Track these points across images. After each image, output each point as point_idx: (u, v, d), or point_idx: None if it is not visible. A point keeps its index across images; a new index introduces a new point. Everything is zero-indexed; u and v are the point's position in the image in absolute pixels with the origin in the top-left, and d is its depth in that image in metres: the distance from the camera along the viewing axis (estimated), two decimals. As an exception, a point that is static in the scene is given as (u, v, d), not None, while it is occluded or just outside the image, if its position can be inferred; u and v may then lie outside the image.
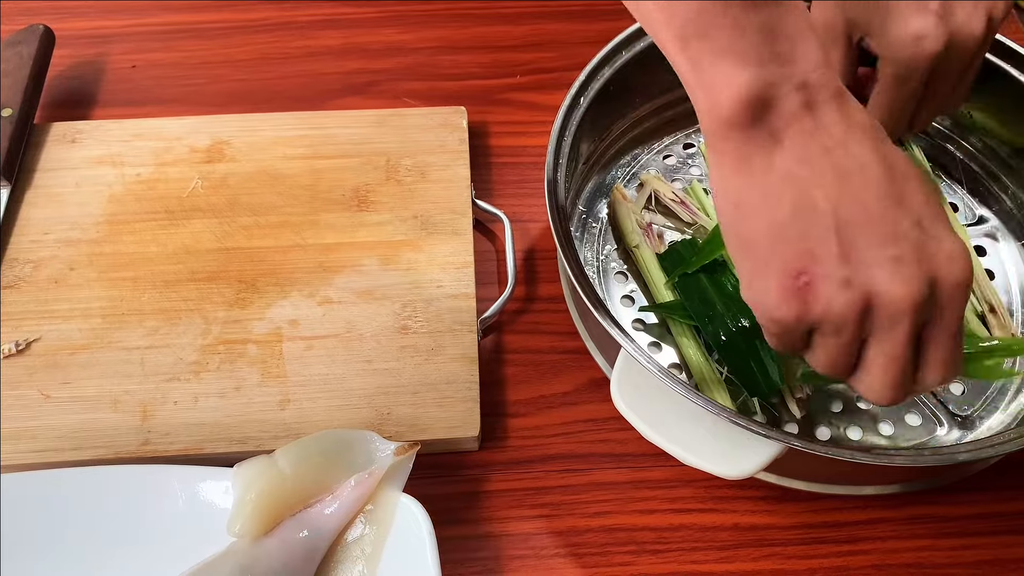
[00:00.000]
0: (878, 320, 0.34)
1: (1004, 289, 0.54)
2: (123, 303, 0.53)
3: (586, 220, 0.57)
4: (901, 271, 0.33)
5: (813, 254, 0.34)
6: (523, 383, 0.52)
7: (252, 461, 0.44)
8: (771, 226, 0.34)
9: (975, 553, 0.47)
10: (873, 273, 0.34)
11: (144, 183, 0.58)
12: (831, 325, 0.35)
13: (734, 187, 0.35)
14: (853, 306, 0.34)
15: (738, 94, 0.33)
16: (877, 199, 0.34)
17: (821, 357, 0.37)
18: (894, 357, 0.35)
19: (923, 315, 0.34)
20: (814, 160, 0.34)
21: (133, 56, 0.67)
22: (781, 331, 0.36)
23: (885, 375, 0.36)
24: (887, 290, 0.34)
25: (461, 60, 0.67)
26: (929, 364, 0.36)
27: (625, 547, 0.47)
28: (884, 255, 0.33)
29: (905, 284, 0.33)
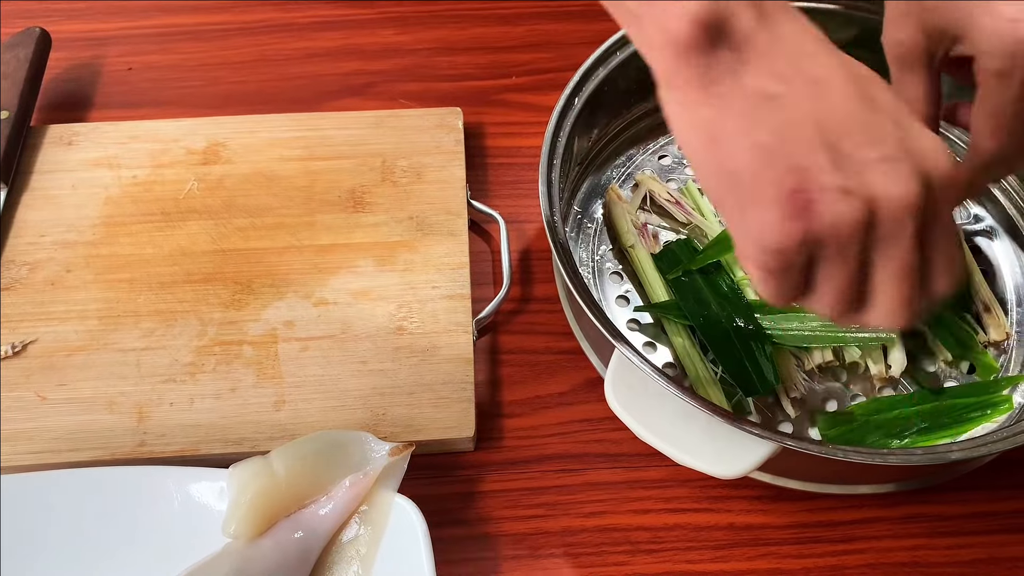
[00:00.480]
0: (883, 228, 0.33)
1: (1000, 289, 0.54)
2: (119, 305, 0.53)
3: (581, 220, 0.57)
4: (896, 170, 0.32)
5: (805, 170, 0.32)
6: (518, 383, 0.52)
7: (247, 462, 0.44)
8: (754, 150, 0.33)
9: (970, 552, 0.47)
10: (869, 177, 0.32)
11: (140, 185, 0.58)
12: (836, 243, 0.33)
13: (705, 119, 0.33)
14: (857, 215, 0.32)
15: (693, 15, 0.32)
16: (854, 103, 0.33)
17: (828, 293, 0.34)
18: (905, 269, 0.34)
19: (923, 213, 0.33)
20: (784, 73, 0.33)
21: (129, 58, 0.67)
22: (782, 265, 0.33)
23: (899, 291, 0.34)
24: (886, 192, 0.32)
25: (458, 61, 0.68)
26: (936, 269, 0.35)
27: (620, 547, 0.47)
28: (875, 157, 0.32)
29: (903, 183, 0.32)
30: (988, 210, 0.57)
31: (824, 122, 0.32)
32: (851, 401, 0.50)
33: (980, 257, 0.55)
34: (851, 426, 0.47)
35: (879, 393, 0.50)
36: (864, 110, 0.33)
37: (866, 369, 0.50)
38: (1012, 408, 0.48)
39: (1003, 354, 0.52)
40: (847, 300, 0.35)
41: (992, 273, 0.55)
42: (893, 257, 0.33)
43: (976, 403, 0.48)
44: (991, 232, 0.57)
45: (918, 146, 0.33)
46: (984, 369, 0.50)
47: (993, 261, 0.55)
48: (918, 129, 0.34)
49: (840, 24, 0.56)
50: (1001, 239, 0.56)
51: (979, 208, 0.58)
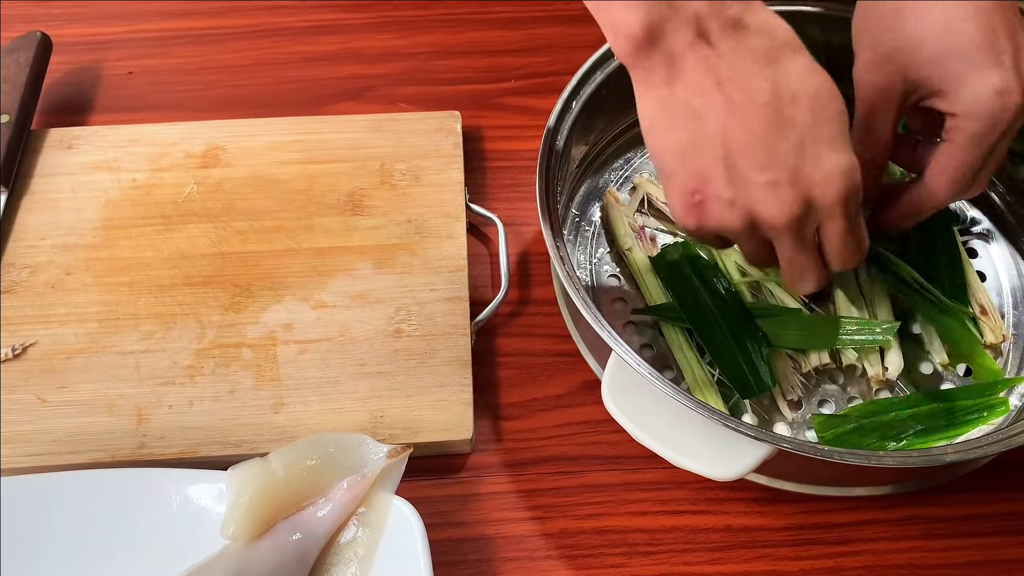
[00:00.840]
0: (765, 232, 0.41)
1: (996, 291, 0.54)
2: (119, 307, 0.53)
3: (579, 223, 0.57)
4: (776, 194, 0.39)
5: (705, 176, 0.39)
6: (516, 386, 0.53)
7: (246, 464, 0.44)
8: (674, 147, 0.40)
9: (966, 554, 0.47)
10: (753, 195, 0.39)
11: (140, 188, 0.58)
12: (728, 234, 0.42)
13: (648, 108, 0.40)
14: (739, 222, 0.40)
15: (631, 31, 0.38)
16: (761, 125, 0.38)
17: (743, 250, 0.44)
18: (791, 259, 0.42)
19: (804, 226, 0.40)
20: (707, 90, 0.38)
21: (129, 62, 0.67)
22: (687, 232, 0.43)
23: (790, 271, 0.43)
24: (764, 210, 0.39)
25: (456, 65, 0.68)
26: (829, 255, 0.43)
27: (617, 549, 0.47)
28: (762, 179, 0.38)
29: (780, 206, 0.39)
30: (985, 213, 0.58)
31: (730, 140, 0.38)
32: (848, 403, 0.50)
33: (977, 260, 0.56)
34: (847, 428, 0.48)
35: (876, 395, 0.50)
36: (770, 134, 0.38)
37: (863, 372, 0.50)
38: (1008, 411, 0.49)
39: (1000, 356, 0.52)
40: (759, 260, 0.44)
41: (989, 276, 0.55)
42: (780, 249, 0.42)
43: (973, 406, 0.48)
44: (988, 235, 0.57)
45: (813, 172, 0.39)
46: (984, 372, 0.50)
47: (990, 264, 0.56)
48: (824, 154, 0.39)
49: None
50: (998, 242, 0.56)
51: (976, 211, 0.58)
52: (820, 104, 0.38)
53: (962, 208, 0.58)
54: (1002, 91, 0.41)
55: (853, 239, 0.42)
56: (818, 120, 0.38)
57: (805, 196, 0.39)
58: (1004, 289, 0.55)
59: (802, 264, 0.42)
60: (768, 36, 0.38)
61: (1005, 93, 0.41)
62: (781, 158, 0.38)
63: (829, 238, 0.42)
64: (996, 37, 0.41)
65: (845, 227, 0.41)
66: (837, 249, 0.42)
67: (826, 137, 0.38)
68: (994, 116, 0.42)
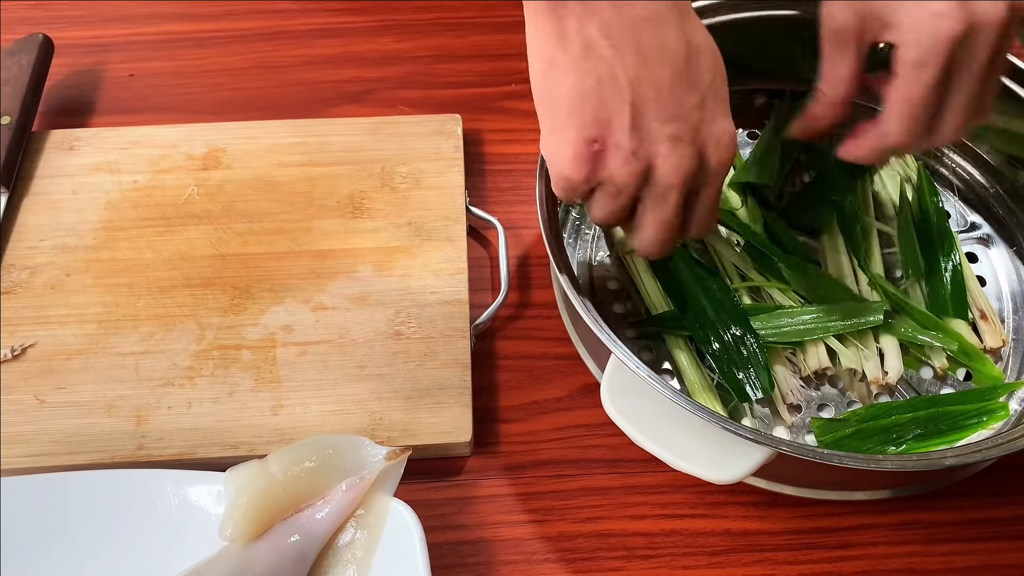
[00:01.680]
0: (653, 188, 0.40)
1: (995, 296, 0.54)
2: (118, 309, 0.53)
3: (579, 226, 0.57)
4: (678, 149, 0.39)
5: (608, 124, 0.38)
6: (515, 389, 0.53)
7: (244, 466, 0.44)
8: (576, 91, 0.38)
9: (966, 559, 0.47)
10: (655, 148, 0.39)
11: (140, 190, 0.58)
12: (613, 187, 0.40)
13: (548, 50, 0.38)
14: (634, 175, 0.39)
15: None
16: (671, 77, 0.38)
17: (596, 211, 0.43)
18: (664, 221, 0.42)
19: (689, 185, 0.41)
20: (620, 36, 0.37)
21: (131, 65, 0.67)
22: (568, 187, 0.41)
23: (656, 234, 0.43)
24: (663, 164, 0.39)
25: (457, 68, 0.68)
26: (692, 222, 0.43)
27: (616, 552, 0.47)
28: (666, 132, 0.38)
29: (679, 160, 0.39)
30: (985, 218, 0.58)
31: (637, 88, 0.37)
32: (847, 407, 0.50)
33: (977, 265, 0.56)
34: (847, 432, 0.47)
35: (875, 400, 0.50)
36: (678, 88, 0.38)
37: (863, 376, 0.50)
38: (1008, 415, 0.48)
39: (999, 361, 0.52)
40: (616, 220, 0.43)
41: (988, 281, 0.55)
42: (657, 210, 0.42)
43: (973, 410, 0.48)
44: (987, 240, 0.57)
45: (710, 131, 0.39)
46: (984, 377, 0.50)
47: (990, 269, 0.56)
48: (719, 114, 0.39)
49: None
50: (998, 247, 0.56)
51: (976, 216, 0.58)
52: (718, 64, 0.39)
53: (962, 213, 0.58)
54: (939, 14, 0.40)
55: (715, 207, 0.43)
56: (715, 80, 0.39)
57: (701, 153, 0.39)
58: (1004, 294, 0.55)
59: (670, 226, 0.42)
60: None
61: (942, 17, 0.40)
62: (686, 113, 0.38)
63: (702, 201, 0.42)
64: None
65: (715, 193, 0.42)
66: (703, 215, 0.43)
67: (722, 99, 0.39)
68: (932, 41, 0.41)
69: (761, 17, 0.56)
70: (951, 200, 0.59)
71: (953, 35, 0.41)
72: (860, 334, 0.50)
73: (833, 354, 0.50)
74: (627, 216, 0.43)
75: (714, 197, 0.43)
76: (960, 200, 0.59)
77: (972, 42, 0.41)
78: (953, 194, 0.59)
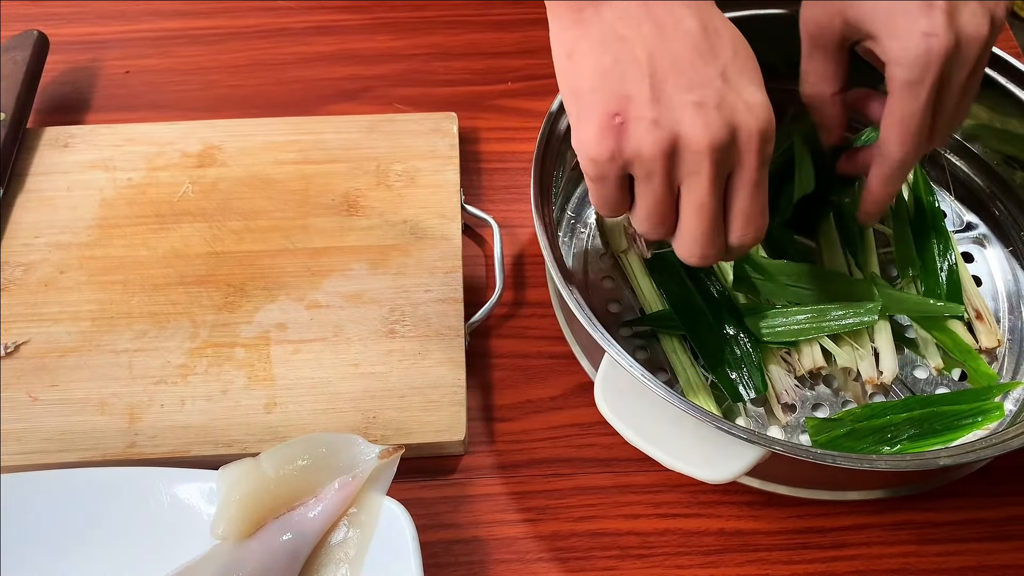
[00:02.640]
0: (683, 161, 0.38)
1: (991, 296, 0.54)
2: (112, 306, 0.53)
3: (574, 225, 0.57)
4: (703, 114, 0.37)
5: (629, 98, 0.38)
6: (510, 387, 0.52)
7: (237, 464, 0.44)
8: (595, 73, 0.38)
9: (960, 559, 0.47)
10: (679, 115, 0.37)
11: (135, 187, 0.58)
12: (643, 167, 0.39)
13: (569, 39, 0.39)
14: (660, 144, 0.38)
15: None
16: (688, 50, 0.38)
17: (641, 209, 0.41)
18: (701, 204, 0.39)
19: (724, 159, 0.38)
20: (635, 14, 0.38)
21: (127, 62, 0.67)
22: (598, 173, 0.40)
23: (696, 225, 0.40)
24: (689, 130, 0.37)
25: (453, 66, 0.68)
26: (735, 217, 0.40)
27: (609, 552, 0.47)
28: (689, 99, 0.37)
29: (706, 126, 0.37)
30: (980, 217, 0.58)
31: (657, 62, 0.38)
32: (842, 407, 0.50)
33: (972, 264, 0.56)
34: (842, 432, 0.47)
35: (870, 399, 0.50)
36: (697, 59, 0.38)
37: (857, 375, 0.50)
38: (1003, 416, 0.48)
39: (995, 361, 0.52)
40: (656, 219, 0.41)
41: (984, 281, 0.55)
42: (693, 191, 0.39)
43: (967, 410, 0.48)
44: (983, 240, 0.57)
45: (737, 100, 0.38)
46: (979, 376, 0.50)
47: (985, 268, 0.56)
48: (746, 85, 0.38)
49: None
50: (993, 246, 0.56)
51: (972, 216, 0.58)
52: (740, 44, 0.39)
53: (958, 213, 0.58)
54: (928, 34, 0.41)
55: (761, 199, 0.40)
56: (739, 56, 0.39)
57: (730, 122, 0.38)
58: (1000, 293, 0.55)
59: (709, 215, 0.40)
60: None
61: (931, 36, 0.41)
62: (708, 81, 0.38)
63: (743, 186, 0.39)
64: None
65: (758, 177, 0.39)
66: (747, 205, 0.40)
67: (748, 71, 0.39)
68: (922, 61, 0.41)
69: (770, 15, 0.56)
70: (947, 200, 0.58)
71: (944, 53, 0.41)
72: (855, 333, 0.50)
73: (828, 353, 0.50)
74: (668, 212, 0.40)
75: (754, 182, 0.39)
76: (956, 200, 0.58)
77: (960, 58, 0.42)
78: (949, 194, 0.59)
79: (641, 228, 0.42)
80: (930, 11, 0.41)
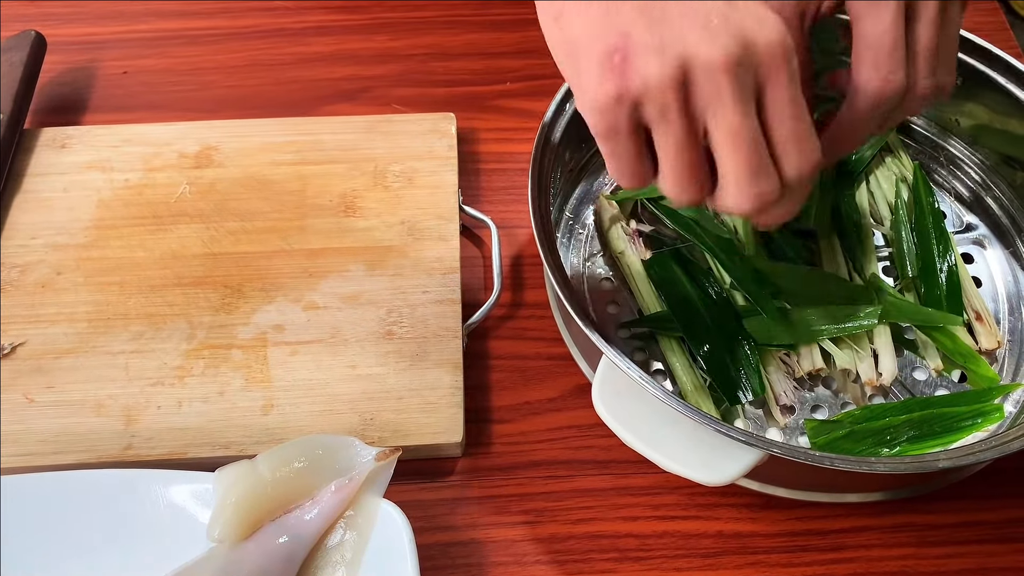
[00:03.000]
0: (700, 88, 0.34)
1: (991, 297, 0.54)
2: (109, 308, 0.53)
3: (572, 226, 0.57)
4: (712, 33, 0.33)
5: (626, 33, 0.34)
6: (508, 389, 0.52)
7: (233, 466, 0.44)
8: (587, 23, 0.35)
9: (960, 562, 0.47)
10: (683, 36, 0.34)
11: (132, 188, 0.58)
12: (654, 101, 0.34)
13: (555, 5, 0.36)
14: (668, 69, 0.34)
15: None
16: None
17: (665, 163, 0.36)
18: (734, 131, 0.34)
19: (745, 77, 0.34)
20: None
21: (124, 62, 0.67)
22: (608, 126, 0.35)
23: (736, 160, 0.35)
24: (698, 51, 0.33)
25: (452, 67, 0.68)
26: (782, 144, 0.35)
27: (608, 554, 0.47)
28: (692, 21, 0.34)
29: (715, 42, 0.33)
30: (980, 219, 0.57)
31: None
32: (841, 409, 0.50)
33: (972, 266, 0.55)
34: (841, 434, 0.47)
35: (869, 401, 0.50)
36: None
37: (856, 377, 0.50)
38: (1003, 417, 0.48)
39: (995, 363, 0.51)
40: (685, 171, 0.36)
41: (984, 282, 0.55)
42: (720, 119, 0.34)
43: (967, 412, 0.48)
44: (983, 241, 0.57)
45: (745, 15, 0.34)
46: (979, 378, 0.50)
47: (986, 269, 0.55)
48: (753, 5, 0.34)
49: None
50: (993, 247, 0.56)
51: (972, 217, 0.58)
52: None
53: (958, 214, 0.58)
54: None
55: (804, 118, 0.35)
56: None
57: (741, 36, 0.34)
58: (1000, 295, 0.54)
59: (749, 138, 0.35)
60: None
61: None
62: (710, 7, 0.34)
63: (776, 105, 0.35)
64: None
65: (791, 93, 0.35)
66: (789, 126, 0.35)
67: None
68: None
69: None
70: (947, 201, 0.58)
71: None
72: (854, 335, 0.50)
73: (827, 355, 0.50)
74: (697, 160, 0.36)
75: (790, 99, 0.35)
76: (956, 200, 0.58)
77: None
78: (949, 195, 0.58)
79: (672, 191, 0.37)
80: None
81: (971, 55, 0.54)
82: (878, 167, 0.58)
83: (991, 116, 0.56)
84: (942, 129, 0.59)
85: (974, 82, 0.54)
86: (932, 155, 0.59)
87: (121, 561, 0.44)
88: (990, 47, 0.53)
